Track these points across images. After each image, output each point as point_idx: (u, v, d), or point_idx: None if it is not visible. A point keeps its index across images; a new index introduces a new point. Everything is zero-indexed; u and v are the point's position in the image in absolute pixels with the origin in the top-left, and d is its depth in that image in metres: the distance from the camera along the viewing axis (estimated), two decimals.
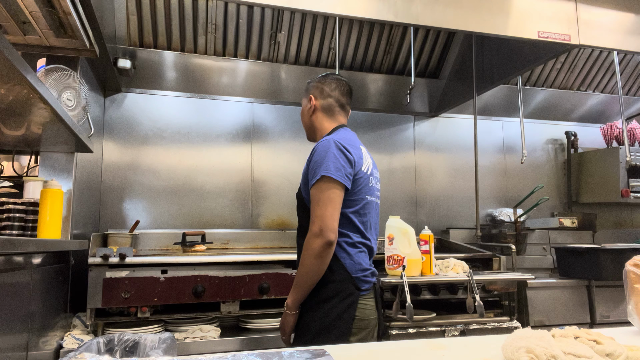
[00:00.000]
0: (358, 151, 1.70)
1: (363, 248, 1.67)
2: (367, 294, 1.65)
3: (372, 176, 1.76)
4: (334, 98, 1.87)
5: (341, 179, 1.56)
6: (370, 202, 1.73)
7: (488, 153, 3.94)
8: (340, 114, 1.88)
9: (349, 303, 1.59)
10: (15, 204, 1.85)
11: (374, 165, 1.84)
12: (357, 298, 1.60)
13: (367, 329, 1.61)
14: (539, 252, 3.65)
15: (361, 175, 1.67)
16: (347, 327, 1.57)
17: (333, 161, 1.57)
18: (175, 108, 3.31)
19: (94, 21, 2.05)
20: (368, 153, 1.85)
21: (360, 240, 1.67)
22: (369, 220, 1.71)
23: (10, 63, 1.11)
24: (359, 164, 1.66)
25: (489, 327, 2.59)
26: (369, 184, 1.71)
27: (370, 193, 1.73)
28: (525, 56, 2.93)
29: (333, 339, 1.55)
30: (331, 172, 1.55)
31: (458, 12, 2.26)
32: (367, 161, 1.75)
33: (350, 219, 1.65)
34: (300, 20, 3.27)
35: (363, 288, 1.63)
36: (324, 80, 1.89)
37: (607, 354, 0.90)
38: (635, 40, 2.55)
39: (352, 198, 1.65)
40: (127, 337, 1.92)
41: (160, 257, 2.31)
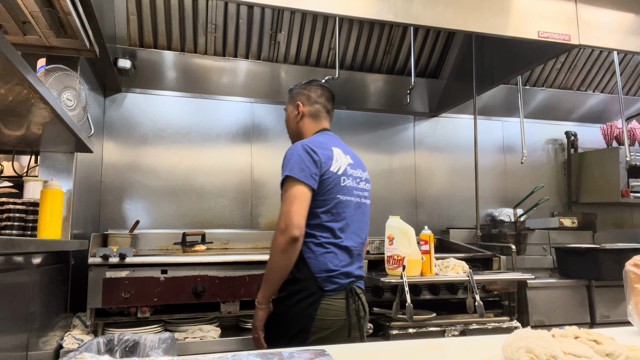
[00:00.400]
0: (328, 152, 1.73)
1: (332, 248, 1.67)
2: (334, 295, 1.65)
3: (348, 176, 1.76)
4: (320, 104, 1.92)
5: (304, 178, 1.62)
6: (345, 201, 1.72)
7: (488, 153, 3.94)
8: (325, 119, 1.94)
9: (310, 302, 1.62)
10: (15, 204, 1.85)
11: (356, 166, 1.84)
12: (319, 298, 1.62)
13: (329, 329, 1.61)
14: (539, 252, 3.65)
15: (329, 176, 1.70)
16: (305, 325, 1.60)
17: (298, 162, 1.64)
18: (175, 108, 3.31)
19: (94, 21, 2.05)
20: (350, 154, 1.86)
21: (329, 241, 1.68)
22: (345, 220, 1.71)
23: (10, 63, 1.11)
24: (327, 165, 1.69)
25: (489, 327, 2.59)
26: (341, 184, 1.72)
27: (345, 193, 1.73)
28: (525, 56, 2.93)
29: (291, 335, 1.60)
30: (295, 172, 1.63)
31: (458, 12, 2.26)
32: (339, 162, 1.75)
33: (319, 219, 1.68)
34: (300, 20, 3.27)
35: (327, 288, 1.64)
36: (310, 87, 1.94)
37: (607, 354, 0.90)
38: (635, 40, 2.55)
39: (321, 198, 1.69)
40: (127, 337, 1.92)
41: (160, 257, 2.31)
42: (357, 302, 1.71)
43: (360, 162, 1.92)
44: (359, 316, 1.70)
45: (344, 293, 1.67)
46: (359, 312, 1.70)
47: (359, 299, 1.72)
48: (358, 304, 1.71)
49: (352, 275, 1.72)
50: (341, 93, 3.58)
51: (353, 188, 1.77)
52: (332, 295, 1.65)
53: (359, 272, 1.79)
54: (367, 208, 1.86)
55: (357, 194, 1.79)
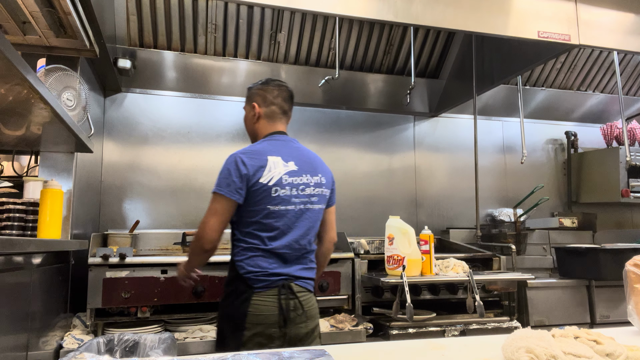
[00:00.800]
0: (260, 163, 1.76)
1: (259, 252, 1.73)
2: (265, 292, 1.70)
3: (283, 186, 1.77)
4: (277, 105, 1.92)
5: (229, 194, 1.70)
6: (278, 211, 1.75)
7: (488, 153, 3.94)
8: (281, 120, 1.94)
9: (242, 300, 1.70)
10: (15, 204, 1.85)
11: (301, 172, 1.83)
12: (250, 295, 1.69)
13: (263, 324, 1.68)
14: (539, 252, 3.64)
15: (258, 187, 1.73)
16: (240, 321, 1.68)
17: (225, 177, 1.72)
18: (175, 108, 3.31)
19: (94, 21, 2.05)
20: (295, 159, 1.84)
21: (255, 246, 1.73)
22: (278, 229, 1.75)
23: (10, 63, 1.11)
24: (256, 177, 1.73)
25: (489, 327, 2.59)
26: (272, 195, 1.74)
27: (277, 203, 1.75)
28: (525, 56, 2.93)
29: (230, 331, 1.70)
30: (221, 188, 1.71)
31: (458, 12, 2.26)
32: (272, 172, 1.76)
33: (249, 228, 1.75)
34: (300, 20, 3.27)
35: (256, 285, 1.70)
36: (266, 87, 1.93)
37: (607, 354, 0.90)
38: (635, 40, 2.55)
39: (250, 208, 1.74)
40: (127, 337, 1.93)
41: (160, 257, 2.32)
42: (293, 300, 1.73)
43: (312, 165, 1.88)
44: (296, 313, 1.73)
45: (275, 290, 1.71)
46: (297, 309, 1.73)
47: (296, 297, 1.74)
48: (295, 301, 1.73)
49: (288, 275, 1.75)
50: (341, 93, 3.59)
51: (291, 196, 1.78)
52: (262, 292, 1.70)
53: (302, 273, 1.81)
54: (314, 213, 1.84)
55: (298, 202, 1.79)
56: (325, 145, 3.60)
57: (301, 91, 3.54)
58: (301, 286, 1.79)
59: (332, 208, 2.00)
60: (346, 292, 2.55)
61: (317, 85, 3.47)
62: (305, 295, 1.79)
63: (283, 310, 1.70)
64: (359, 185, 3.63)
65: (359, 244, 2.76)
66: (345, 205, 3.58)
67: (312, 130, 3.59)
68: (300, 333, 1.76)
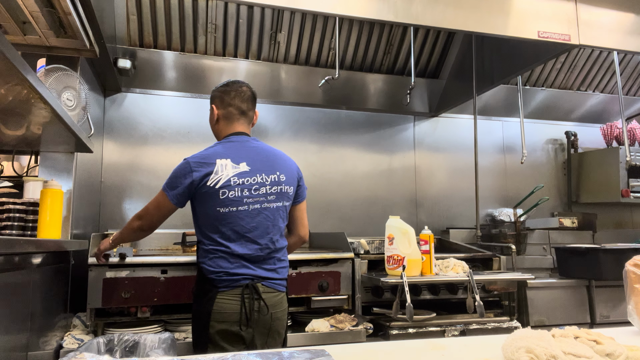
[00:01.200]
0: (208, 168, 1.80)
1: (219, 254, 1.78)
2: (229, 291, 1.76)
3: (232, 187, 1.80)
4: (233, 106, 1.95)
5: (171, 197, 1.81)
6: (229, 212, 1.79)
7: (488, 153, 3.94)
8: (239, 121, 1.97)
9: (207, 299, 1.77)
10: (15, 204, 1.85)
11: (254, 172, 1.85)
12: (214, 295, 1.76)
13: (226, 321, 1.75)
14: (539, 252, 3.64)
15: (206, 190, 1.79)
16: (206, 319, 1.75)
17: (173, 180, 1.81)
18: (175, 108, 3.31)
19: (94, 21, 2.05)
20: (247, 160, 1.87)
21: (214, 248, 1.79)
22: (233, 229, 1.79)
23: (10, 63, 1.11)
24: (203, 181, 1.78)
25: (489, 327, 2.59)
26: (220, 197, 1.78)
27: (227, 205, 1.79)
28: (525, 56, 2.93)
29: (200, 329, 1.78)
30: (167, 187, 1.82)
31: (458, 12, 2.26)
32: (219, 174, 1.80)
33: (205, 230, 1.82)
34: (300, 20, 3.27)
35: (220, 285, 1.76)
36: (225, 90, 1.98)
37: (607, 354, 0.90)
38: (635, 40, 2.55)
39: (204, 212, 1.81)
40: (127, 337, 1.93)
41: (160, 257, 2.32)
42: (258, 300, 1.78)
43: (268, 164, 1.90)
44: (261, 314, 1.78)
45: (239, 290, 1.76)
46: (261, 309, 1.78)
47: (260, 298, 1.78)
48: (259, 302, 1.78)
49: (253, 276, 1.79)
50: (341, 93, 3.59)
51: (243, 197, 1.81)
52: (226, 292, 1.76)
53: (269, 274, 1.84)
54: (272, 211, 1.86)
55: (251, 202, 1.82)
56: (325, 145, 3.61)
57: (301, 91, 3.55)
58: (268, 287, 1.82)
59: (301, 205, 2.02)
60: (346, 292, 2.55)
61: (317, 85, 3.47)
62: (271, 297, 1.82)
63: (245, 310, 1.75)
64: (359, 185, 3.63)
65: (359, 244, 2.75)
66: (345, 205, 3.59)
67: (312, 130, 3.59)
68: (265, 333, 1.81)
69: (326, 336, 2.36)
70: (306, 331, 2.38)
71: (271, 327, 1.83)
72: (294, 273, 2.48)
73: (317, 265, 2.52)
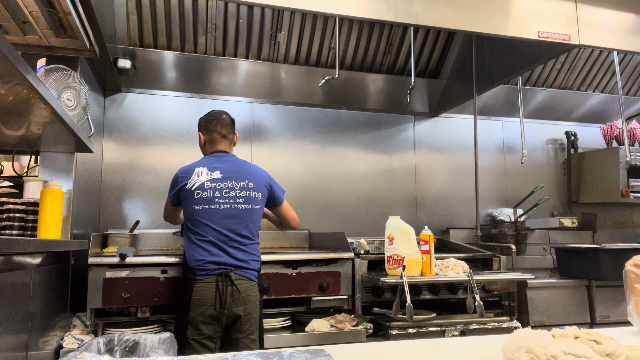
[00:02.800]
0: (187, 175, 2.21)
1: (199, 243, 2.12)
2: (206, 279, 2.07)
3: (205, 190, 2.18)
4: (216, 132, 2.34)
5: (169, 198, 2.30)
6: (202, 209, 2.16)
7: (488, 153, 3.94)
8: (220, 143, 2.35)
9: (189, 286, 2.08)
10: (15, 204, 1.85)
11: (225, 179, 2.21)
12: (193, 282, 2.07)
13: (203, 305, 2.04)
14: (539, 252, 3.65)
15: (185, 192, 2.19)
16: (187, 303, 2.06)
17: (170, 187, 2.29)
18: (175, 108, 3.31)
19: (94, 21, 2.05)
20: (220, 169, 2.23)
21: (195, 238, 2.14)
22: (206, 223, 2.14)
23: (10, 63, 1.11)
24: (182, 183, 2.20)
25: (489, 327, 2.59)
26: (195, 197, 2.17)
27: (201, 203, 2.16)
28: (525, 56, 2.93)
29: (182, 311, 2.08)
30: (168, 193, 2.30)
31: (458, 12, 2.26)
32: (195, 179, 2.19)
33: (189, 224, 2.19)
34: (300, 20, 3.27)
35: (199, 274, 2.07)
36: (208, 119, 2.37)
37: (607, 354, 0.90)
38: (635, 40, 2.55)
39: (185, 209, 2.22)
40: (127, 337, 1.93)
41: (160, 257, 2.32)
42: (231, 287, 2.07)
43: (239, 173, 2.25)
44: (232, 297, 2.06)
45: (214, 278, 2.06)
46: (234, 294, 2.06)
47: (233, 284, 2.07)
48: (232, 288, 2.07)
49: (225, 264, 2.10)
50: (341, 93, 3.59)
51: (214, 198, 2.17)
52: (203, 280, 2.06)
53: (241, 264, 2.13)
54: (242, 211, 2.20)
55: (222, 202, 2.17)
56: (325, 145, 3.61)
57: (301, 91, 3.55)
58: (240, 275, 2.11)
59: (282, 206, 2.42)
60: (346, 292, 2.55)
61: (317, 85, 3.47)
62: (243, 283, 2.11)
63: (220, 295, 2.04)
64: (359, 185, 3.63)
65: (359, 244, 2.75)
66: (345, 205, 3.59)
67: (312, 130, 3.59)
68: (236, 314, 2.07)
69: (326, 336, 2.36)
70: (306, 331, 2.38)
71: (244, 309, 2.09)
72: (294, 273, 2.48)
73: (317, 265, 2.53)
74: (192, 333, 2.02)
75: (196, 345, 2.01)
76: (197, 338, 2.02)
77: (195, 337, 2.02)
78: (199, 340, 2.02)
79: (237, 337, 2.09)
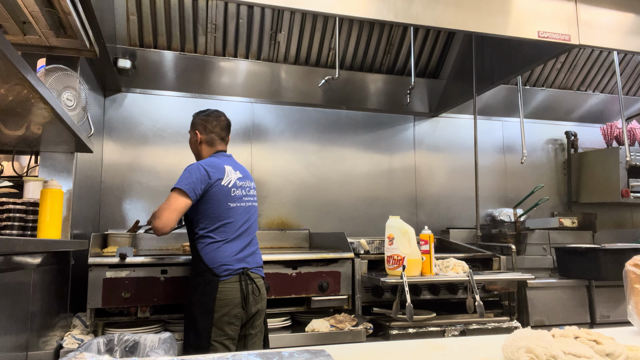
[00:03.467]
0: (219, 170, 2.15)
1: (222, 245, 2.08)
2: (229, 279, 2.04)
3: (237, 187, 2.18)
4: (215, 133, 2.28)
5: (188, 191, 2.05)
6: (235, 207, 2.14)
7: (488, 153, 3.94)
8: (220, 144, 2.30)
9: (211, 288, 2.02)
10: (15, 204, 1.85)
11: (244, 179, 2.24)
12: (217, 284, 2.02)
13: (229, 305, 2.02)
14: (539, 252, 3.65)
15: (220, 189, 2.11)
16: (209, 304, 2.01)
17: (187, 177, 2.08)
18: (175, 108, 3.31)
19: (94, 21, 2.05)
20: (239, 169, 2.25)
21: (219, 239, 2.08)
22: (234, 221, 2.12)
23: (10, 63, 1.11)
24: (216, 178, 2.11)
25: (489, 327, 2.59)
26: (231, 194, 2.14)
27: (235, 200, 2.15)
28: (525, 56, 2.93)
29: (200, 313, 2.02)
30: (182, 185, 2.07)
31: (458, 12, 2.26)
32: (229, 176, 2.17)
33: (212, 224, 2.09)
34: (300, 20, 3.27)
35: (223, 274, 2.04)
36: (207, 119, 2.29)
37: (607, 354, 0.90)
38: (635, 40, 2.55)
39: (213, 207, 2.10)
40: (127, 337, 1.93)
41: (160, 257, 2.31)
42: (252, 285, 2.09)
43: (248, 175, 2.31)
44: (254, 295, 2.09)
45: (237, 277, 2.06)
46: (254, 292, 2.09)
47: (253, 282, 2.09)
48: (252, 286, 2.09)
49: (245, 262, 2.10)
50: (341, 93, 3.59)
51: (243, 196, 2.19)
52: (226, 280, 2.04)
53: (256, 260, 2.17)
54: (255, 209, 2.28)
55: (246, 200, 2.21)
56: (325, 145, 3.61)
57: (301, 91, 3.55)
58: (256, 273, 2.14)
59: None
60: (346, 292, 2.55)
61: (317, 85, 3.47)
62: (259, 280, 2.15)
63: (244, 294, 2.05)
64: (359, 185, 3.63)
65: (359, 244, 2.75)
66: (345, 205, 3.59)
67: (312, 130, 3.59)
68: (254, 311, 2.10)
69: (326, 336, 2.36)
70: (306, 331, 2.38)
71: (261, 305, 2.14)
72: (294, 273, 2.48)
73: (317, 265, 2.53)
74: (217, 334, 1.99)
75: (219, 346, 1.99)
76: (221, 339, 2.00)
77: (218, 338, 2.00)
78: (222, 342, 2.00)
79: (250, 334, 2.11)
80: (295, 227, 3.41)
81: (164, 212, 2.04)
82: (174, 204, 2.05)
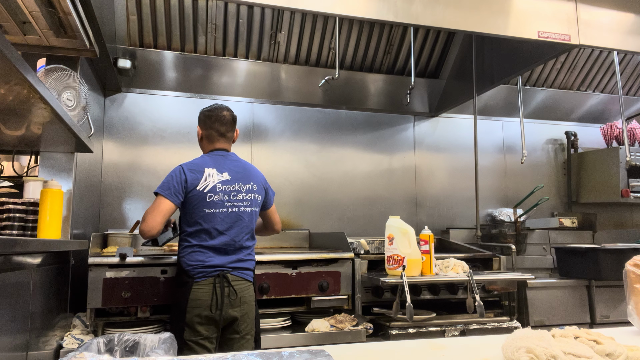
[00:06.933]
0: (198, 174, 2.11)
1: (199, 249, 2.08)
2: (203, 281, 2.05)
3: (216, 192, 2.11)
4: (213, 129, 2.25)
5: (168, 196, 2.07)
6: (212, 213, 2.10)
7: (488, 153, 3.94)
8: (219, 141, 2.26)
9: (185, 289, 2.05)
10: (15, 204, 1.85)
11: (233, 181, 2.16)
12: (191, 285, 2.04)
13: (200, 307, 2.02)
14: (539, 252, 3.64)
15: (195, 194, 2.09)
16: (183, 305, 2.03)
17: (168, 181, 2.10)
18: (175, 108, 3.31)
19: (94, 21, 2.05)
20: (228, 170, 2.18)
21: (196, 244, 2.09)
22: (210, 228, 2.09)
23: (10, 63, 1.11)
24: (193, 185, 2.09)
25: (489, 327, 2.59)
26: (207, 200, 2.09)
27: (211, 206, 2.10)
28: (525, 56, 2.93)
29: (177, 314, 2.06)
30: (163, 190, 2.08)
31: (458, 12, 2.26)
32: (206, 181, 2.12)
33: (191, 228, 2.11)
34: (300, 20, 3.27)
35: (196, 276, 2.05)
36: (208, 114, 2.28)
37: (607, 354, 0.90)
38: (635, 40, 2.55)
39: (191, 212, 2.11)
40: (127, 337, 1.93)
41: (160, 257, 2.31)
42: (228, 288, 2.06)
43: (245, 175, 2.21)
44: (230, 299, 2.06)
45: (211, 280, 2.05)
46: (231, 295, 2.06)
47: (230, 286, 2.06)
48: (229, 289, 2.06)
49: (223, 267, 2.08)
50: (341, 93, 3.59)
51: (224, 201, 2.13)
52: (200, 282, 2.04)
53: (238, 264, 2.12)
54: (246, 214, 2.18)
55: (230, 205, 2.14)
56: (325, 145, 3.61)
57: (301, 91, 3.55)
58: (237, 276, 2.11)
59: (272, 209, 2.37)
60: (346, 292, 2.55)
61: (317, 85, 3.48)
62: (239, 284, 2.10)
63: (216, 296, 2.03)
64: (359, 185, 3.63)
65: (359, 244, 2.75)
66: (345, 205, 3.59)
67: (312, 130, 3.59)
68: (233, 316, 2.07)
69: (326, 336, 2.36)
70: (306, 331, 2.38)
71: (240, 310, 2.09)
72: (294, 273, 2.48)
73: (317, 265, 2.53)
74: (190, 334, 2.01)
75: (194, 346, 2.01)
76: (195, 339, 2.02)
77: (192, 338, 2.02)
78: (196, 341, 2.02)
79: (233, 338, 2.09)
80: (295, 227, 3.41)
81: (148, 216, 2.06)
82: (158, 207, 2.06)
